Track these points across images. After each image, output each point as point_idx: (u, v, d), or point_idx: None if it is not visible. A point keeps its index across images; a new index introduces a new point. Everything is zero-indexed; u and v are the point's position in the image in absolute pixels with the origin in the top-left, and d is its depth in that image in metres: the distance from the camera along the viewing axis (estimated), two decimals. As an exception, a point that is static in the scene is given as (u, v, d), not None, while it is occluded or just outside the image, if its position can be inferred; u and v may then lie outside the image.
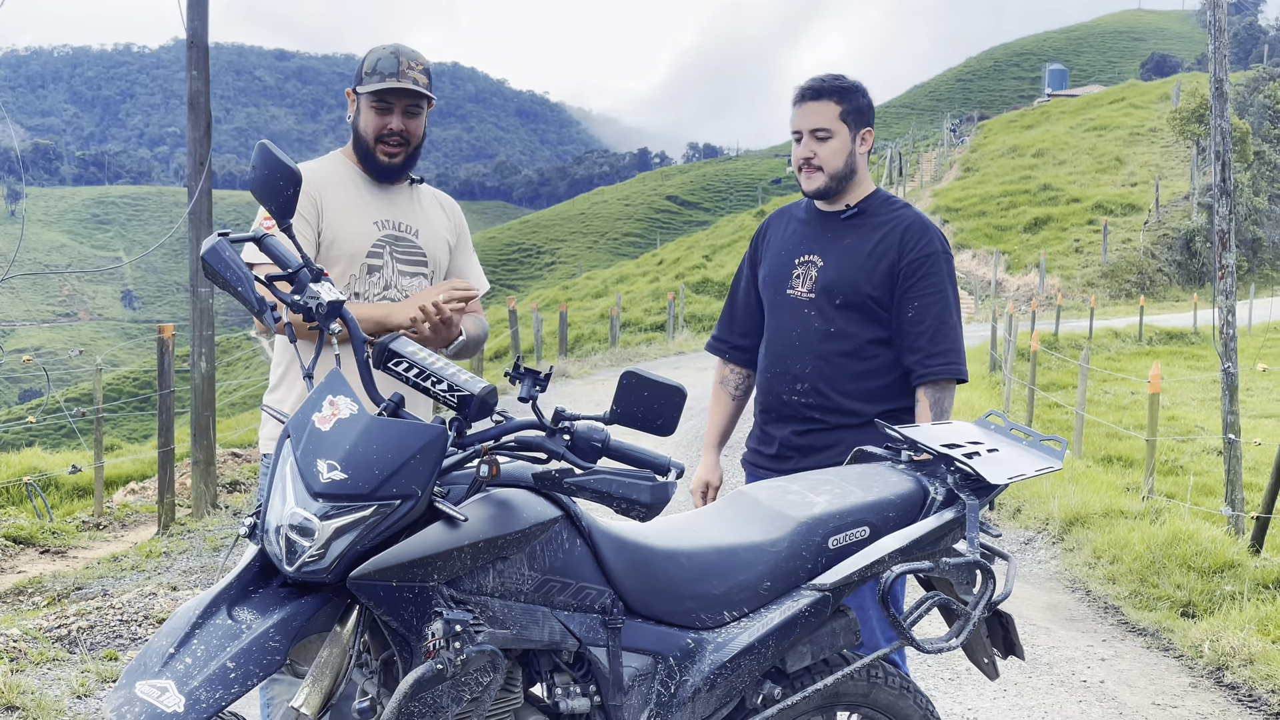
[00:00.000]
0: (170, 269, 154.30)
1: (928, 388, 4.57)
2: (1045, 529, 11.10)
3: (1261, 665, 7.06)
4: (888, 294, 4.60)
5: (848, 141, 4.66)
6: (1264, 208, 54.35)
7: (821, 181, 4.67)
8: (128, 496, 14.39)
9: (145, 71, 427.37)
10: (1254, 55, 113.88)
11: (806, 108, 4.67)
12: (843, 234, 4.71)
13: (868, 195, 4.76)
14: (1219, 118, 9.93)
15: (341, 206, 4.48)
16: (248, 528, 3.14)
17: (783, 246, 4.85)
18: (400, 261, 4.57)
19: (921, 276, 4.57)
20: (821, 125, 4.63)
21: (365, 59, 4.53)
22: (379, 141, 4.52)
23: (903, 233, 4.62)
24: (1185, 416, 20.21)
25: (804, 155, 4.68)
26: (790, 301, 4.73)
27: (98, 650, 7.37)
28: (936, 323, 4.56)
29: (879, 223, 4.68)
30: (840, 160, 4.65)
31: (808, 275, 4.70)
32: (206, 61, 12.75)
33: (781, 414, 4.72)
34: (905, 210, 4.73)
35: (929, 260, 4.59)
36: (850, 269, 4.62)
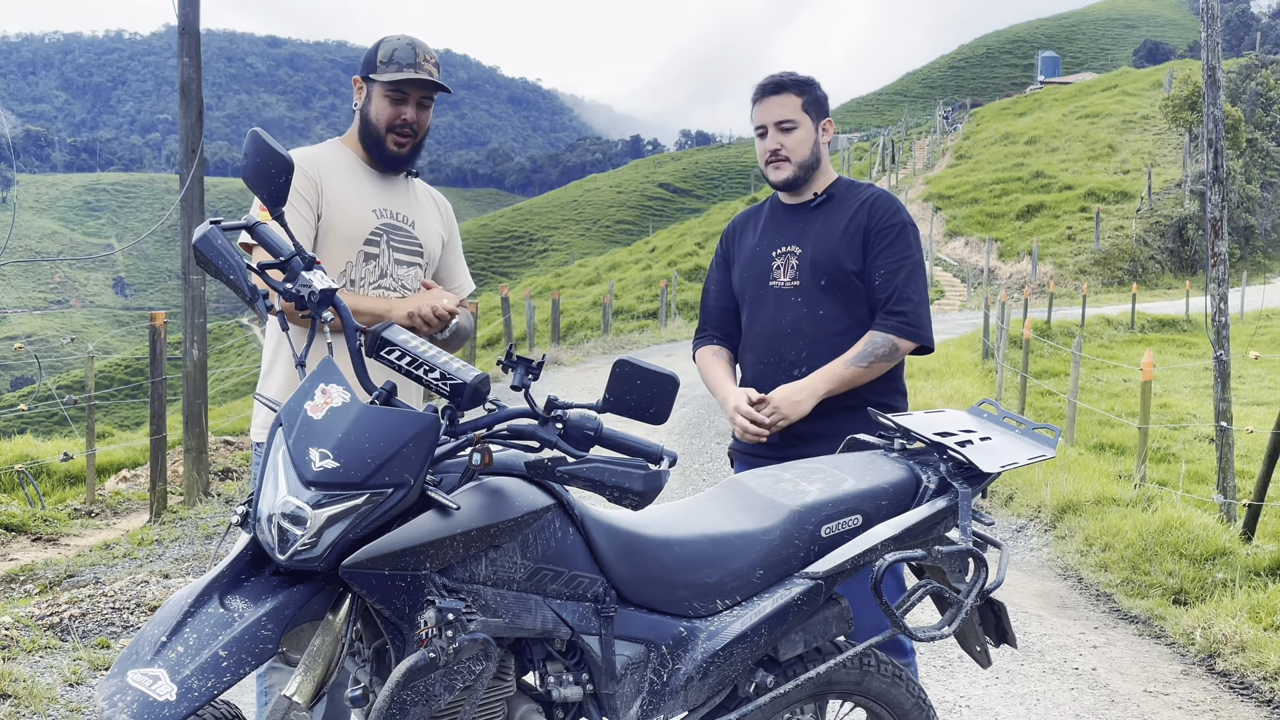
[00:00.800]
0: (162, 256, 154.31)
1: (873, 333, 4.64)
2: (1037, 516, 11.10)
3: (1253, 652, 7.07)
4: (865, 268, 4.71)
5: (811, 131, 4.78)
6: (1256, 195, 54.40)
7: (790, 171, 4.78)
8: (120, 484, 14.37)
9: (137, 58, 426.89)
10: (1246, 42, 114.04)
11: (768, 102, 4.79)
12: (814, 220, 4.81)
13: (832, 183, 4.88)
14: (1211, 105, 9.92)
15: (341, 192, 4.49)
16: (240, 516, 3.14)
17: (757, 243, 4.92)
18: (396, 250, 4.58)
19: (889, 244, 4.68)
20: (786, 117, 4.75)
21: (379, 48, 4.53)
22: (390, 130, 4.54)
23: (871, 205, 4.74)
24: (1177, 404, 20.23)
25: (771, 148, 4.79)
26: (775, 292, 4.79)
27: (90, 638, 7.36)
28: (902, 286, 4.65)
29: (848, 204, 4.80)
30: (806, 150, 4.77)
31: (788, 265, 4.77)
32: (198, 48, 12.72)
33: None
34: (871, 188, 4.86)
35: (895, 229, 4.70)
36: (829, 249, 4.71)
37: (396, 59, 4.47)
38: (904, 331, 4.62)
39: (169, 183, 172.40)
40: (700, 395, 19.19)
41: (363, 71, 4.56)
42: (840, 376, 4.58)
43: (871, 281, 4.67)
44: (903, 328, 4.62)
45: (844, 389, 4.59)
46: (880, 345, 4.60)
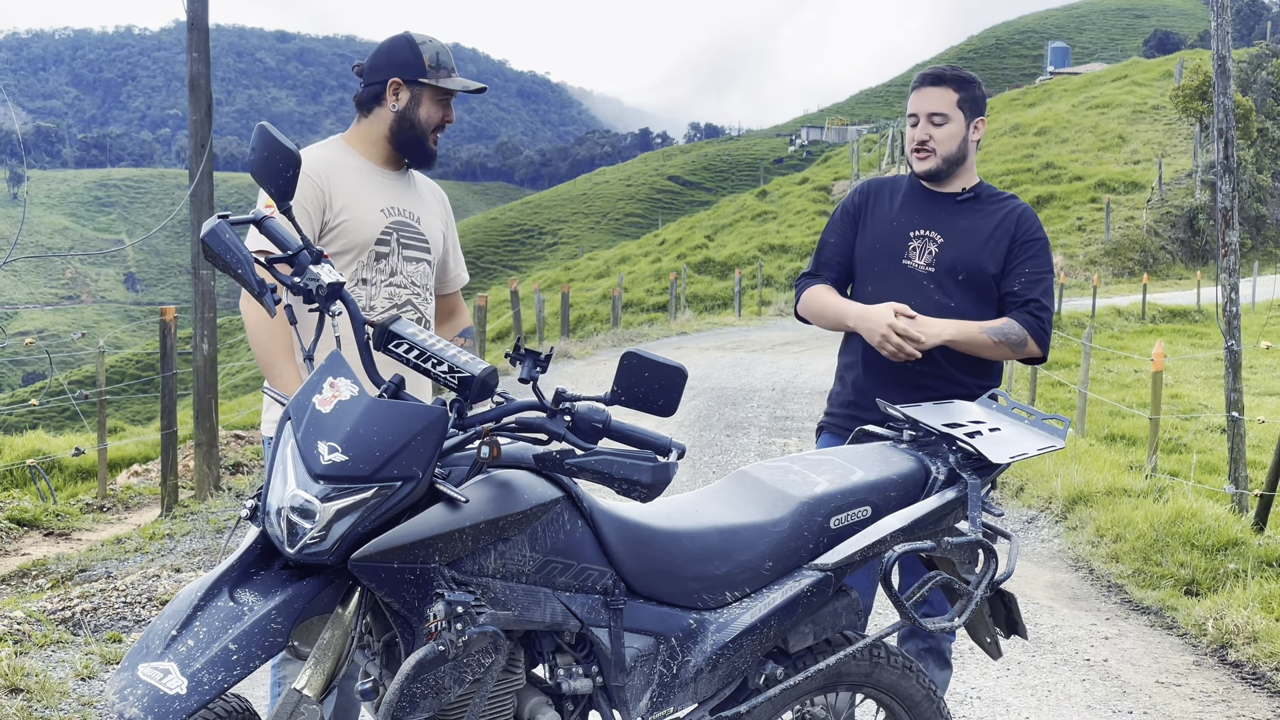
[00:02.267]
0: (172, 251, 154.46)
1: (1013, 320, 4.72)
2: (1048, 508, 11.10)
3: (1265, 643, 7.06)
4: (1004, 273, 4.79)
5: (962, 128, 4.82)
6: (1267, 185, 54.22)
7: (934, 164, 4.82)
8: (131, 479, 14.41)
9: (146, 54, 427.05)
10: (1257, 32, 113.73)
11: (925, 92, 4.83)
12: (959, 215, 4.86)
13: (977, 183, 4.94)
14: (1222, 95, 9.90)
15: (352, 195, 4.49)
16: (249, 510, 3.14)
17: (894, 218, 4.93)
18: (405, 247, 4.60)
19: (1031, 257, 4.78)
20: (939, 110, 4.79)
21: (420, 50, 4.53)
22: (434, 131, 4.60)
23: (1018, 218, 4.84)
24: (1188, 394, 20.18)
25: (920, 138, 4.83)
26: (906, 271, 4.83)
27: (101, 632, 7.37)
28: (1042, 295, 4.75)
29: (994, 209, 4.87)
30: (954, 145, 4.81)
31: (925, 249, 4.82)
32: (207, 43, 12.72)
33: (892, 379, 4.75)
34: (1015, 199, 4.95)
35: (1038, 244, 4.81)
36: (973, 249, 4.78)
37: (443, 63, 4.53)
38: (1037, 334, 4.72)
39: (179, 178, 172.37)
40: (709, 388, 19.18)
41: (404, 75, 4.52)
42: (970, 335, 4.65)
43: (1010, 286, 4.76)
44: (1038, 329, 4.72)
45: (966, 349, 4.66)
46: (1016, 332, 4.68)
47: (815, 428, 5.14)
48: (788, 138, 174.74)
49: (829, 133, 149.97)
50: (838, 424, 4.93)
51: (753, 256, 49.94)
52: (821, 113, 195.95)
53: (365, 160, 4.61)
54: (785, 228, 57.10)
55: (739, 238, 57.39)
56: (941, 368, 4.70)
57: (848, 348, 4.96)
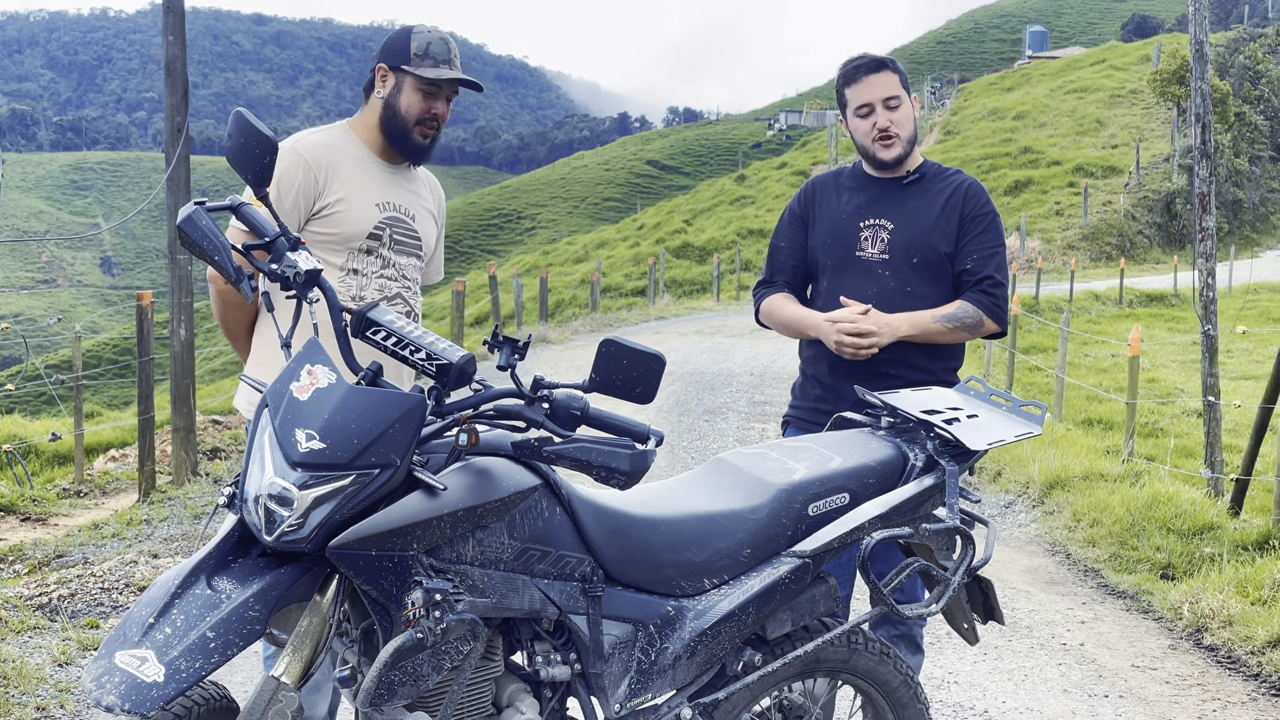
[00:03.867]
0: (149, 235, 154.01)
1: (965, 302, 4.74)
2: (1026, 492, 11.13)
3: (1240, 627, 7.09)
4: (955, 251, 4.80)
5: (910, 107, 4.85)
6: (1244, 169, 54.37)
7: (900, 148, 4.81)
8: (108, 464, 14.36)
9: (122, 36, 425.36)
10: (1234, 16, 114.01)
11: (871, 81, 4.81)
12: (907, 199, 4.85)
13: (921, 164, 4.94)
14: (1199, 80, 9.91)
15: (350, 186, 4.45)
16: (226, 497, 3.14)
17: (842, 210, 4.92)
18: (397, 242, 4.57)
19: (981, 232, 4.78)
20: (893, 94, 4.79)
21: (410, 39, 4.47)
22: (419, 124, 4.51)
23: (965, 193, 4.84)
24: (1165, 379, 20.25)
25: (881, 125, 4.79)
26: (861, 262, 4.82)
27: (79, 618, 7.36)
28: (994, 271, 4.76)
29: (941, 186, 4.87)
30: (912, 126, 4.84)
31: (877, 238, 4.81)
32: (183, 26, 12.67)
33: (856, 369, 4.73)
34: (960, 174, 4.95)
35: (987, 218, 4.82)
36: (924, 230, 4.77)
37: (433, 54, 4.44)
38: (992, 311, 4.73)
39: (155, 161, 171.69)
40: (688, 373, 19.19)
41: (390, 61, 4.49)
42: (924, 326, 4.65)
43: (963, 264, 4.76)
44: (993, 308, 4.73)
45: (922, 339, 4.66)
46: (970, 315, 4.69)
47: (781, 421, 5.15)
48: (766, 122, 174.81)
49: (807, 117, 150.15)
50: (803, 418, 4.93)
51: (731, 241, 49.96)
52: (800, 97, 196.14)
53: (367, 150, 4.56)
54: (764, 212, 57.05)
55: (717, 222, 57.38)
56: (904, 355, 4.69)
57: (809, 343, 4.95)
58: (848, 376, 4.73)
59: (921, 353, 4.71)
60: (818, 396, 4.88)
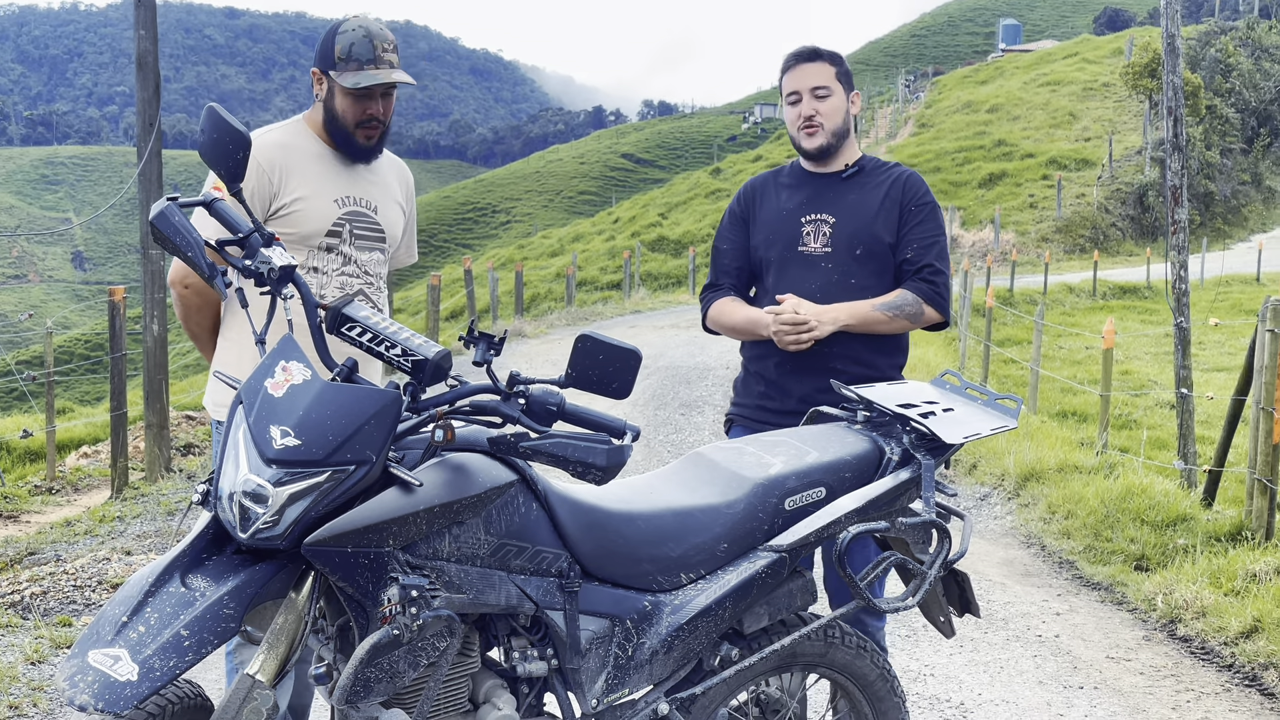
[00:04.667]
0: (121, 230, 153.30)
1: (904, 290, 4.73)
2: (1001, 485, 11.16)
3: (1214, 618, 7.12)
4: (897, 242, 4.79)
5: (843, 100, 4.83)
6: (1216, 162, 54.61)
7: (824, 139, 4.79)
8: (80, 460, 14.30)
9: (93, 30, 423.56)
10: (1206, 9, 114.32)
11: (803, 69, 4.83)
12: (847, 192, 4.84)
13: (860, 157, 4.92)
14: (1171, 73, 9.95)
15: (306, 184, 4.39)
16: (200, 494, 3.12)
17: (782, 208, 4.91)
18: (358, 237, 4.52)
19: (920, 222, 4.77)
20: (822, 83, 4.79)
21: (335, 41, 4.36)
22: (359, 127, 4.43)
23: (905, 183, 4.82)
24: (1139, 371, 20.33)
25: (806, 114, 4.80)
26: (804, 257, 4.80)
27: (51, 616, 7.33)
28: (935, 260, 4.75)
29: (880, 179, 4.86)
30: (840, 118, 4.81)
31: (819, 232, 4.79)
32: (154, 20, 12.62)
33: (802, 365, 4.73)
34: (899, 167, 4.93)
35: (926, 208, 4.80)
36: (866, 221, 4.76)
37: (355, 55, 4.31)
38: (933, 300, 4.71)
39: (127, 156, 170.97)
40: (664, 366, 19.19)
41: (320, 64, 4.41)
42: (864, 315, 4.63)
43: (903, 254, 4.75)
44: (933, 296, 4.71)
45: (862, 329, 4.64)
46: (910, 303, 4.67)
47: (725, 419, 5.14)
48: (741, 115, 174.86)
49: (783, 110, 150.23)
50: (747, 415, 4.92)
51: (706, 234, 49.91)
52: (774, 90, 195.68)
53: (323, 145, 4.50)
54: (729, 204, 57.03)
55: (693, 215, 57.37)
56: (849, 350, 4.68)
57: (753, 340, 4.94)
58: (793, 373, 4.75)
59: (867, 347, 4.70)
60: (761, 394, 4.88)
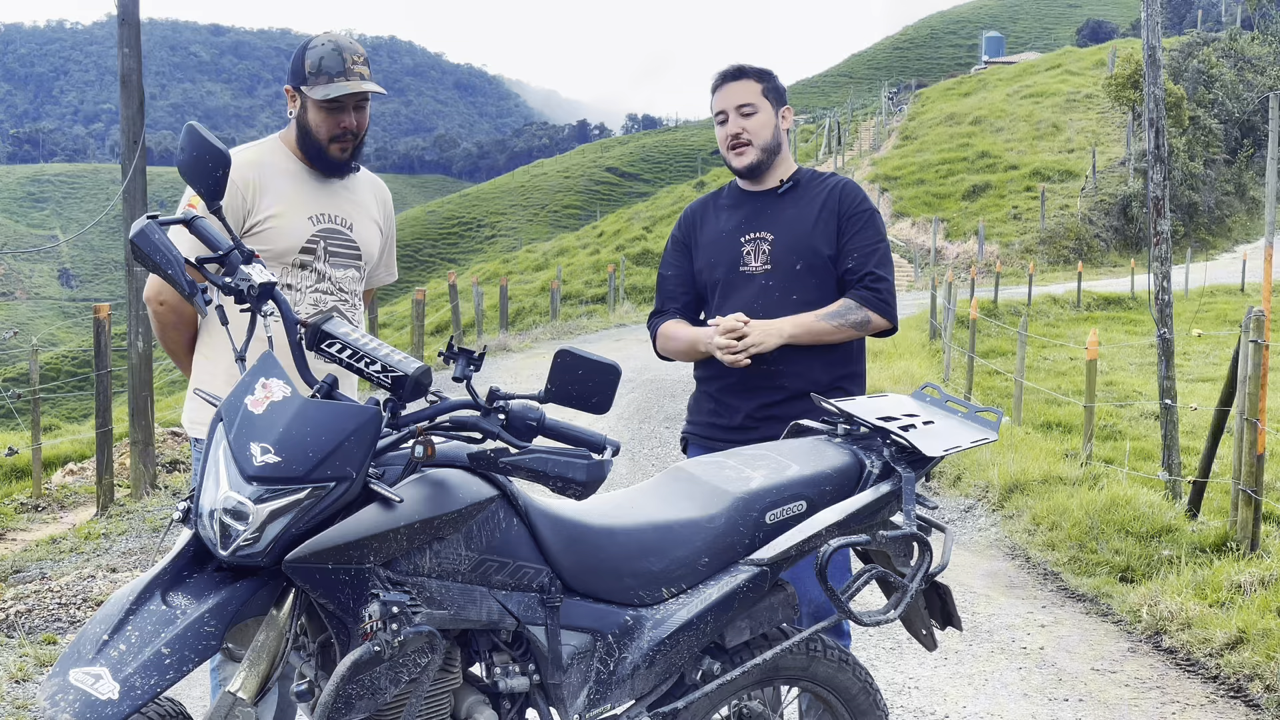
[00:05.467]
0: (107, 247, 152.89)
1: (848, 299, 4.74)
2: (985, 496, 11.17)
3: (1199, 629, 7.13)
4: (838, 252, 4.78)
5: (771, 116, 4.84)
6: (1199, 173, 54.64)
7: (753, 156, 4.82)
8: (66, 477, 14.28)
9: (79, 48, 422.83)
10: (1188, 21, 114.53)
11: (729, 88, 4.85)
12: (783, 208, 4.85)
13: (794, 171, 4.94)
14: (1152, 84, 9.98)
15: (280, 201, 4.41)
16: (181, 512, 3.12)
17: (721, 229, 4.93)
18: (333, 254, 4.53)
19: (859, 230, 4.77)
20: (746, 101, 4.80)
21: (305, 56, 4.40)
22: (333, 141, 4.45)
23: (840, 193, 4.84)
24: (1123, 382, 20.36)
25: (733, 132, 4.82)
26: (745, 277, 4.82)
27: (36, 634, 7.32)
28: (875, 267, 4.75)
29: (816, 191, 4.86)
30: (768, 133, 4.82)
31: (759, 250, 4.81)
32: (138, 39, 12.62)
33: (749, 384, 4.75)
34: (835, 176, 4.95)
35: (865, 215, 4.80)
36: (803, 234, 4.77)
37: (325, 69, 4.35)
38: (878, 307, 4.71)
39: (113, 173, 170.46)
40: (648, 380, 19.20)
41: (292, 81, 4.45)
42: (808, 326, 4.65)
43: (844, 264, 4.76)
44: (877, 303, 4.71)
45: (809, 340, 4.65)
46: (854, 311, 4.68)
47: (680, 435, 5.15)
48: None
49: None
50: (699, 433, 4.95)
51: (691, 248, 49.86)
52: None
53: (298, 163, 4.52)
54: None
55: (678, 229, 57.26)
56: (791, 365, 4.70)
57: (703, 360, 4.94)
58: (740, 391, 4.78)
59: (816, 362, 4.72)
60: (711, 410, 4.90)
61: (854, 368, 4.87)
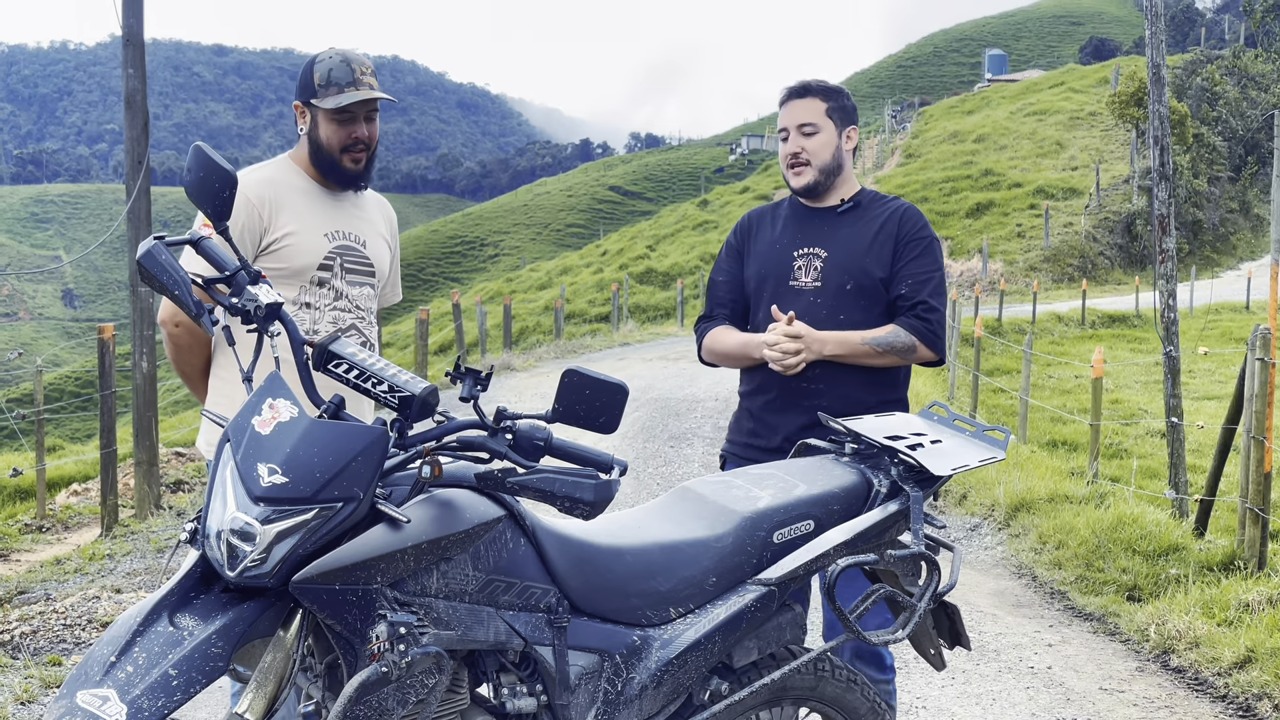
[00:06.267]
0: (111, 267, 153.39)
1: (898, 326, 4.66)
2: (991, 515, 11.15)
3: (1207, 648, 7.11)
4: (891, 277, 4.72)
5: (834, 137, 4.76)
6: (1204, 190, 54.67)
7: (810, 177, 4.76)
8: (70, 498, 14.28)
9: (82, 69, 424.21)
10: (1191, 38, 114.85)
11: (793, 105, 4.79)
12: (840, 227, 4.80)
13: (857, 191, 4.87)
14: (1156, 102, 9.98)
15: (296, 219, 4.43)
16: (188, 533, 3.12)
17: (775, 242, 4.89)
18: (349, 272, 4.55)
19: (916, 257, 4.70)
20: (808, 120, 4.74)
21: (314, 70, 4.43)
22: (345, 152, 4.47)
23: (900, 217, 4.76)
24: (1128, 400, 20.34)
25: (792, 151, 4.77)
26: (794, 292, 4.77)
27: (41, 655, 7.30)
28: (929, 296, 4.67)
29: (876, 213, 4.80)
30: (828, 154, 4.76)
31: (811, 266, 4.76)
32: (143, 59, 12.65)
33: (786, 401, 4.73)
34: (898, 201, 4.87)
35: (924, 242, 4.73)
36: (858, 255, 4.71)
37: (335, 80, 4.39)
38: (926, 338, 4.65)
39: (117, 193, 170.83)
40: (653, 399, 19.19)
41: (301, 96, 4.47)
42: (852, 347, 4.59)
43: (897, 290, 4.69)
44: (927, 333, 4.64)
45: (851, 360, 4.60)
46: (902, 339, 4.62)
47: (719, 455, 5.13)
48: (728, 147, 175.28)
49: (769, 141, 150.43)
50: (737, 453, 4.91)
51: (695, 266, 50.04)
52: (761, 121, 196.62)
53: (310, 180, 4.54)
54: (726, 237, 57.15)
55: (680, 247, 57.46)
56: (834, 386, 4.66)
57: (747, 376, 4.92)
58: (780, 411, 4.74)
59: (858, 384, 4.67)
60: (750, 430, 4.87)
61: (898, 393, 4.81)
